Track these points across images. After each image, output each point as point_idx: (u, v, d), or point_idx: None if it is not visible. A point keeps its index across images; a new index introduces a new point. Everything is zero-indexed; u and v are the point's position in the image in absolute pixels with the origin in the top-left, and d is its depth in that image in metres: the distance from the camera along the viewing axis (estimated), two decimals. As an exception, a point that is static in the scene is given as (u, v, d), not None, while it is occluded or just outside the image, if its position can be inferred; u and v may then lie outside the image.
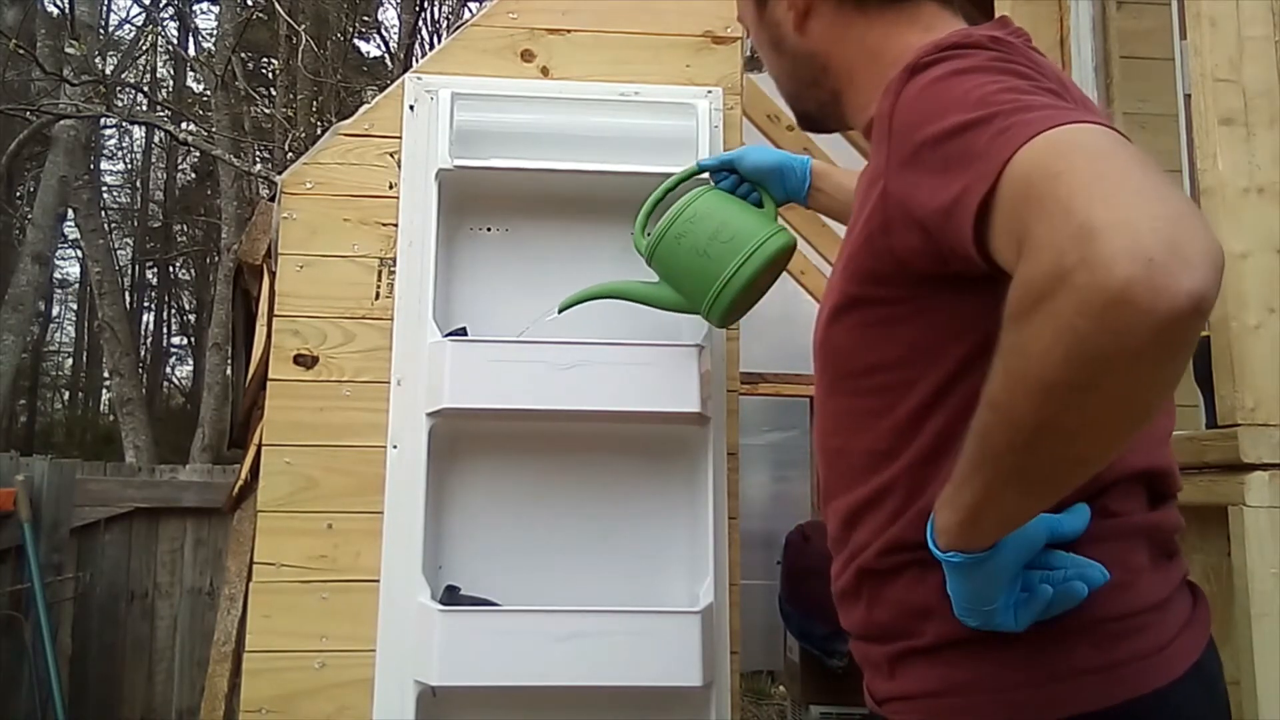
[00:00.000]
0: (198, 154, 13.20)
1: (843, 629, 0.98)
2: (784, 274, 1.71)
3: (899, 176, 0.80)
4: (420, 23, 11.12)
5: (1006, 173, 0.68)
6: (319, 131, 7.83)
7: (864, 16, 1.00)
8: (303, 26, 9.03)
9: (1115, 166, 0.64)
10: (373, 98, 2.27)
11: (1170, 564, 0.89)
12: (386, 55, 13.07)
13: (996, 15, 1.99)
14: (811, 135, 3.69)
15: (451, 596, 1.73)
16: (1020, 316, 0.65)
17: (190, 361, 18.05)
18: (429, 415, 1.77)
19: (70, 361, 18.57)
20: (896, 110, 0.82)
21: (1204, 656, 0.86)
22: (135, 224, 16.82)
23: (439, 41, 10.69)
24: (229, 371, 7.93)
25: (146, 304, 18.50)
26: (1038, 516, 0.78)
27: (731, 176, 1.60)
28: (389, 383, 1.81)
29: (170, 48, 13.70)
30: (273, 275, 1.87)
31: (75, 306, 18.33)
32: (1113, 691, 0.80)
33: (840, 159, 4.42)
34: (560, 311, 1.69)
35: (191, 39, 14.26)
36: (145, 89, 12.10)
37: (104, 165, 16.18)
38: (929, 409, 0.85)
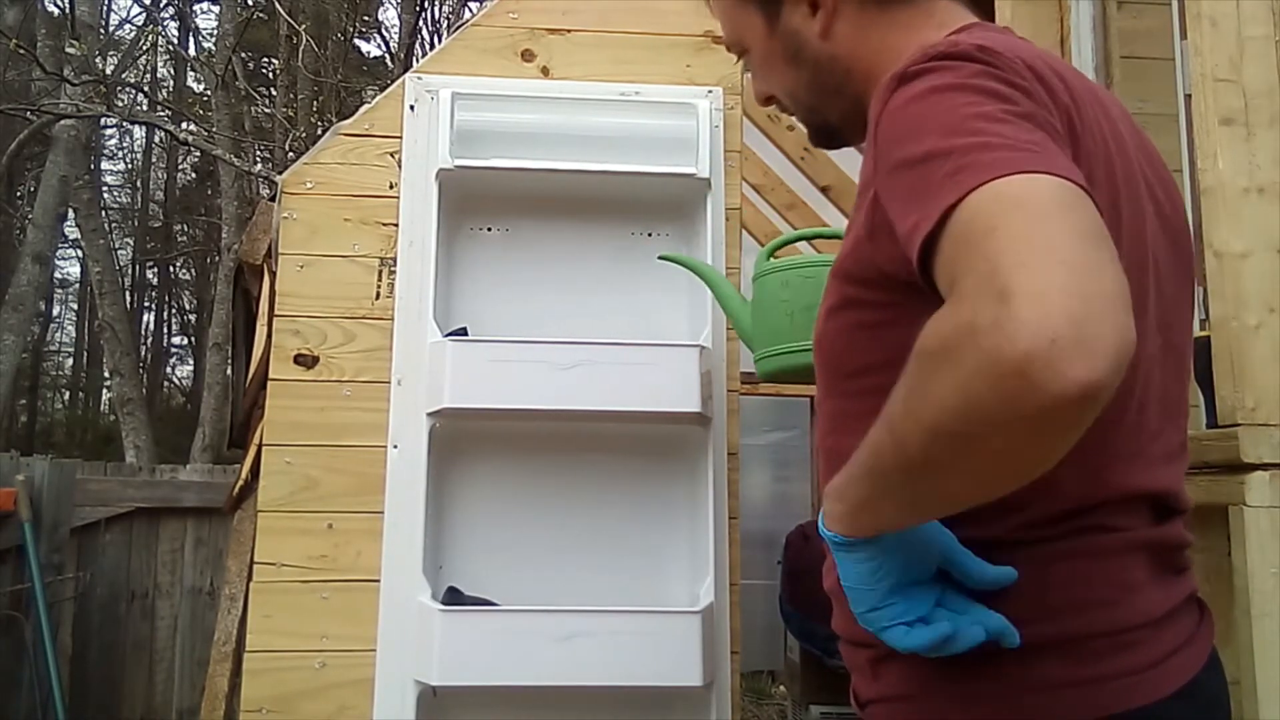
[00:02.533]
0: (198, 154, 13.21)
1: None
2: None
3: (883, 187, 0.80)
4: (420, 23, 11.12)
5: (952, 217, 0.68)
6: (319, 131, 7.83)
7: (885, 15, 0.99)
8: (303, 26, 9.03)
9: (1050, 232, 0.64)
10: (373, 98, 2.28)
11: (1176, 580, 0.88)
12: (387, 55, 13.07)
13: (997, 16, 1.98)
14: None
15: (453, 598, 1.73)
16: (928, 357, 0.67)
17: (190, 361, 18.06)
18: (429, 415, 1.77)
19: (70, 361, 18.57)
20: (882, 122, 0.81)
21: (1202, 674, 0.84)
22: (135, 224, 16.82)
23: (439, 41, 10.69)
24: (229, 371, 7.93)
25: (147, 304, 18.51)
26: (935, 530, 0.80)
27: None
28: (389, 383, 1.81)
29: (170, 48, 13.71)
30: (273, 275, 1.87)
31: (75, 306, 18.33)
32: (1092, 705, 0.79)
33: (844, 162, 4.42)
34: (661, 258, 1.77)
35: (192, 39, 14.27)
36: (145, 89, 12.11)
37: (104, 165, 16.19)
38: None
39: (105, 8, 12.43)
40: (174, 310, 18.83)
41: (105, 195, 15.22)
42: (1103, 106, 0.89)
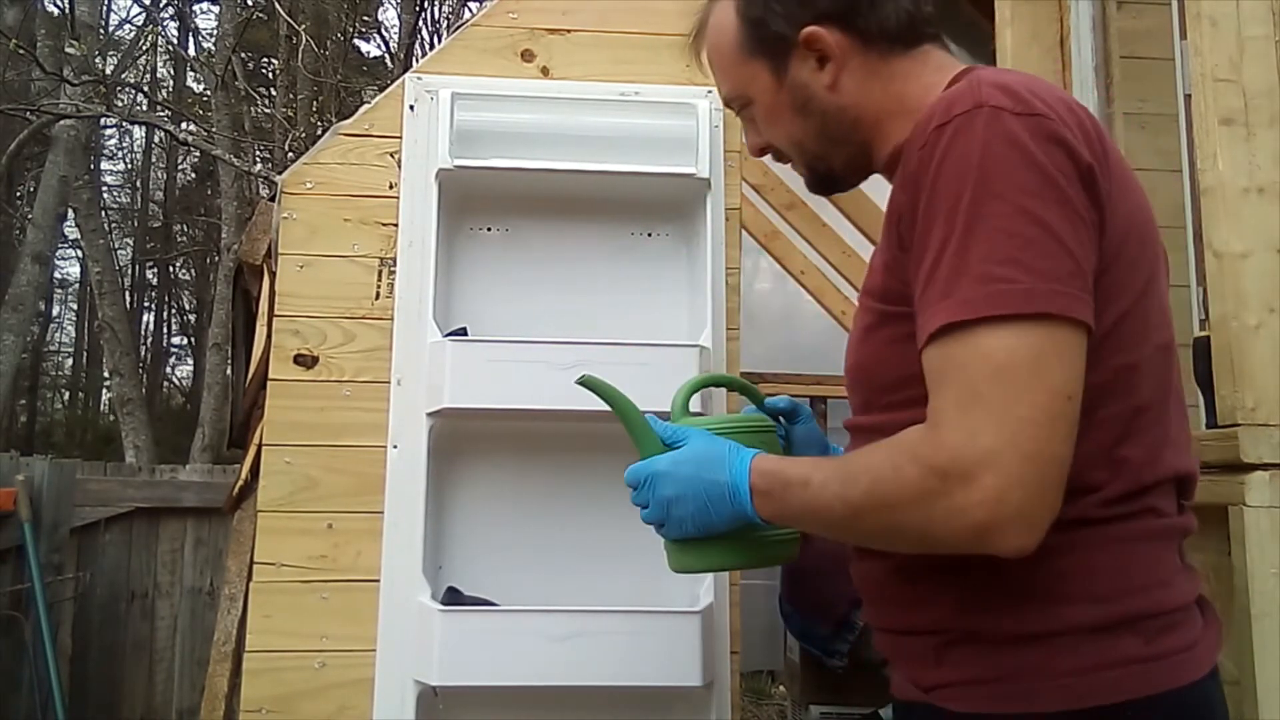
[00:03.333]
0: (198, 154, 13.21)
1: (848, 624, 1.04)
2: (784, 274, 1.71)
3: (923, 224, 0.89)
4: (420, 23, 11.12)
5: (965, 335, 0.84)
6: (319, 131, 7.83)
7: (888, 66, 1.06)
8: (303, 26, 9.03)
9: (1025, 414, 0.81)
10: (373, 98, 2.27)
11: (1191, 572, 0.97)
12: (386, 55, 13.08)
13: (997, 16, 2.01)
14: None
15: (453, 599, 1.73)
16: (904, 485, 0.85)
17: (190, 361, 18.06)
18: (429, 415, 1.77)
19: (70, 361, 18.57)
20: (944, 161, 0.89)
21: (1218, 663, 0.94)
22: (135, 224, 16.82)
23: (439, 41, 10.69)
24: (229, 371, 7.93)
25: (147, 304, 18.51)
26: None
27: (793, 427, 1.30)
28: (389, 383, 1.81)
29: (170, 48, 13.71)
30: (273, 275, 1.87)
31: (75, 306, 18.33)
32: (1156, 680, 0.88)
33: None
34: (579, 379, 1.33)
35: (191, 39, 14.27)
36: (145, 89, 12.11)
37: (104, 165, 16.19)
38: None
39: (105, 8, 12.43)
40: (174, 310, 18.83)
41: (105, 195, 15.22)
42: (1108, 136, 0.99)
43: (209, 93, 10.93)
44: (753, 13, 1.08)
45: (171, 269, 17.79)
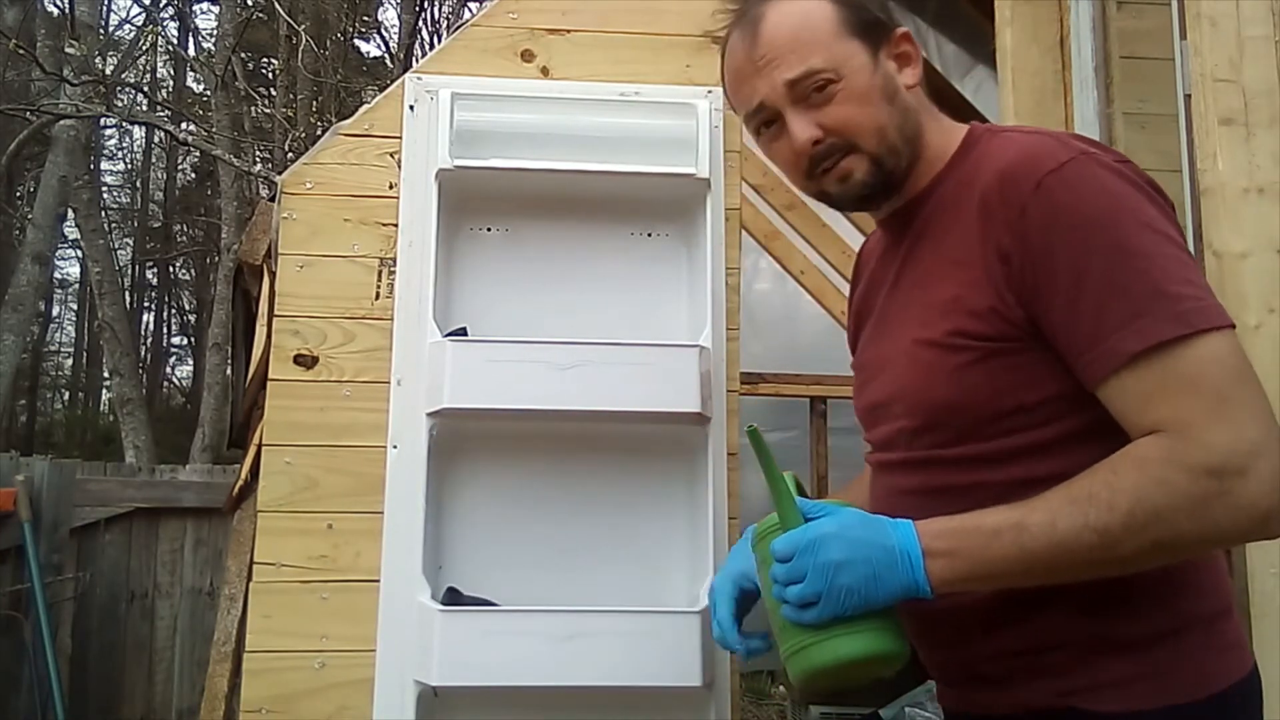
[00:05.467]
0: (198, 154, 13.21)
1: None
2: (784, 274, 1.71)
3: (1065, 261, 0.94)
4: (420, 23, 11.13)
5: (1174, 352, 0.90)
6: (319, 131, 7.83)
7: (922, 100, 1.14)
8: (303, 26, 9.03)
9: (1259, 406, 0.90)
10: (373, 98, 2.27)
11: None
12: (386, 55, 13.07)
13: (997, 16, 2.03)
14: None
15: (453, 599, 1.73)
16: (1174, 495, 0.88)
17: (190, 361, 18.06)
18: (429, 415, 1.77)
19: (70, 361, 18.57)
20: (1073, 206, 0.95)
21: None
22: (135, 224, 16.82)
23: (439, 41, 10.70)
24: (229, 371, 7.93)
25: (146, 304, 18.51)
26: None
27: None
28: (389, 383, 1.81)
29: (170, 48, 13.70)
30: (273, 275, 1.87)
31: (75, 306, 18.33)
32: (1237, 665, 0.99)
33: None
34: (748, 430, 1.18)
35: (191, 39, 14.27)
36: (145, 89, 12.10)
37: (104, 165, 16.18)
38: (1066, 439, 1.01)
39: (105, 8, 12.43)
40: (174, 310, 18.84)
41: (105, 195, 15.21)
42: None
43: (209, 93, 10.94)
44: None
45: (171, 269, 17.79)
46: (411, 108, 1.89)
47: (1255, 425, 0.88)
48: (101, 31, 11.51)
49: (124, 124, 12.81)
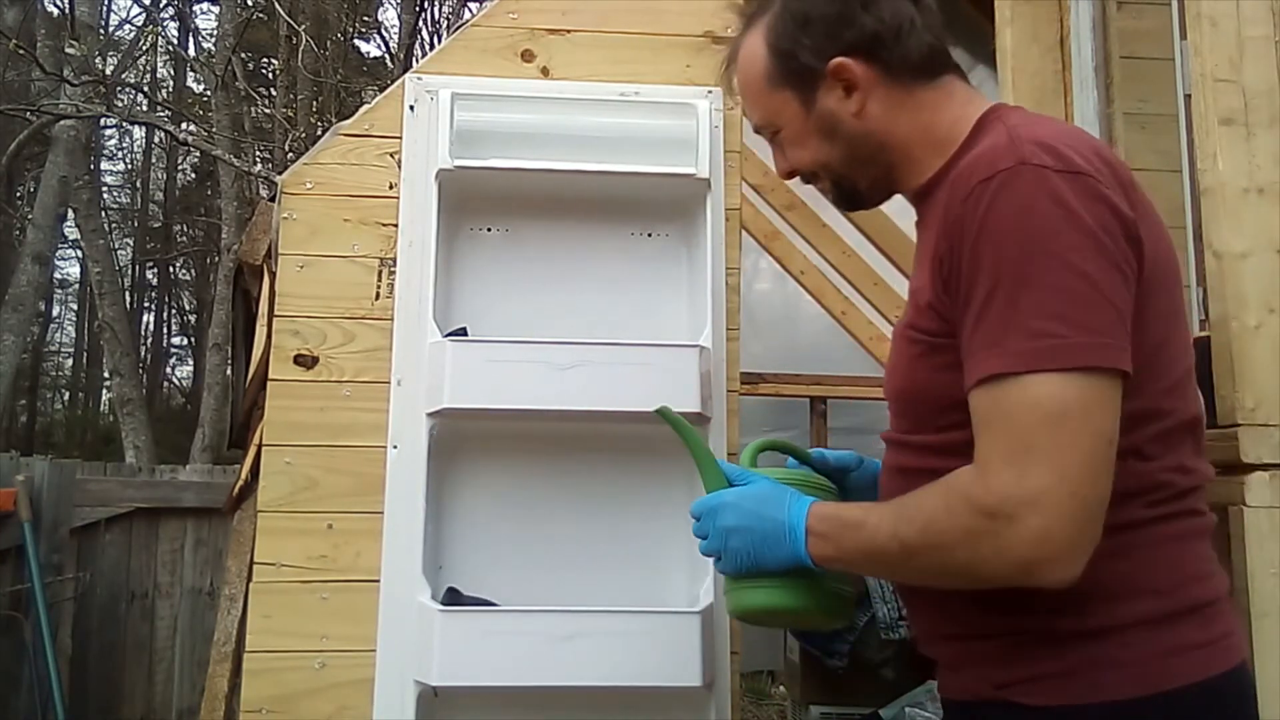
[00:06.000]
0: (198, 154, 13.21)
1: (843, 631, 1.11)
2: (784, 274, 1.71)
3: (969, 272, 0.96)
4: (420, 23, 11.13)
5: (1012, 384, 0.91)
6: (319, 132, 7.83)
7: (913, 97, 1.14)
8: (303, 27, 9.03)
9: (1071, 459, 0.89)
10: (373, 98, 2.28)
11: (1219, 563, 1.06)
12: (386, 55, 13.07)
13: (997, 16, 2.02)
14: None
15: (453, 599, 1.73)
16: (954, 528, 0.93)
17: (190, 361, 18.06)
18: (429, 415, 1.77)
19: (70, 361, 18.56)
20: (987, 219, 0.95)
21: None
22: (135, 224, 16.82)
23: (439, 42, 10.69)
24: (229, 372, 7.92)
25: (147, 304, 18.51)
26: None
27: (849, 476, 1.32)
28: (389, 383, 1.81)
29: (170, 48, 13.70)
30: (273, 275, 1.87)
31: (75, 306, 18.33)
32: (1211, 663, 0.97)
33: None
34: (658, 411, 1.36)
35: (191, 39, 14.26)
36: (145, 89, 12.10)
37: (104, 165, 16.18)
38: None
39: (105, 8, 12.44)
40: (174, 310, 18.84)
41: (105, 195, 15.21)
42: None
43: (209, 93, 10.95)
44: (782, 45, 1.16)
45: (171, 269, 17.79)
46: (411, 108, 1.89)
47: (1041, 476, 0.88)
48: (101, 31, 11.51)
49: (124, 124, 12.81)
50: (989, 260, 0.94)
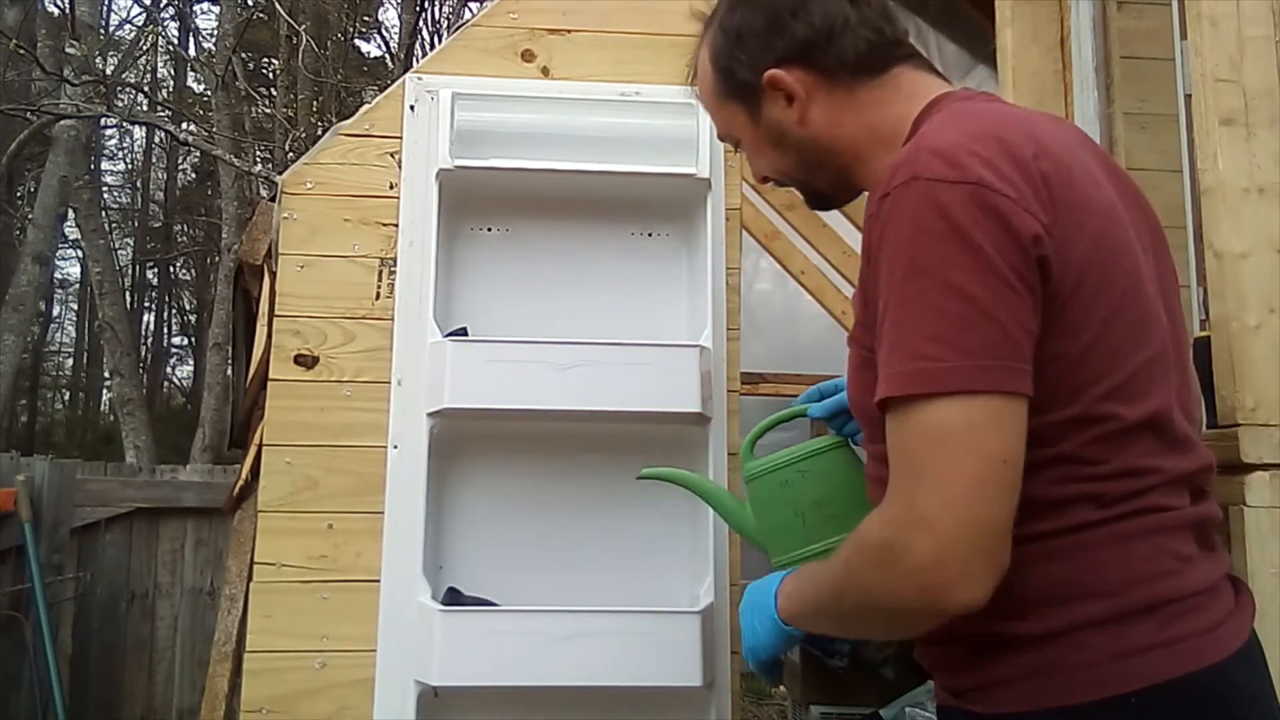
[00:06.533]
0: (198, 154, 13.21)
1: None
2: (784, 274, 1.72)
3: (873, 293, 0.95)
4: (421, 23, 11.12)
5: (905, 412, 0.89)
6: (319, 132, 7.82)
7: (855, 96, 1.11)
8: (303, 27, 9.03)
9: (963, 481, 0.86)
10: (373, 98, 2.28)
11: (1214, 555, 1.00)
12: (387, 55, 13.06)
13: (998, 16, 2.01)
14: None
15: (453, 599, 1.73)
16: (860, 550, 0.94)
17: (191, 361, 18.06)
18: (429, 415, 1.77)
19: (71, 361, 18.56)
20: (884, 236, 0.93)
21: (1250, 639, 0.97)
22: (136, 224, 16.81)
23: (439, 42, 10.69)
24: (229, 372, 7.93)
25: (147, 304, 18.50)
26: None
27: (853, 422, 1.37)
28: (389, 383, 1.81)
29: (170, 48, 13.70)
30: (273, 275, 1.87)
31: (76, 306, 18.32)
32: (1174, 664, 0.91)
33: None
34: (640, 478, 1.56)
35: (192, 39, 14.26)
36: (145, 89, 12.10)
37: (104, 165, 16.18)
38: None
39: (105, 8, 12.43)
40: (174, 310, 18.83)
41: (105, 195, 15.20)
42: (1068, 146, 1.01)
43: (209, 93, 10.95)
44: (721, 62, 1.16)
45: (172, 269, 17.78)
46: (412, 108, 1.89)
47: (928, 501, 0.86)
48: (102, 31, 11.51)
49: (124, 124, 12.81)
50: (884, 280, 0.93)
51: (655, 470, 1.54)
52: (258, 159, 10.07)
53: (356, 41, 13.29)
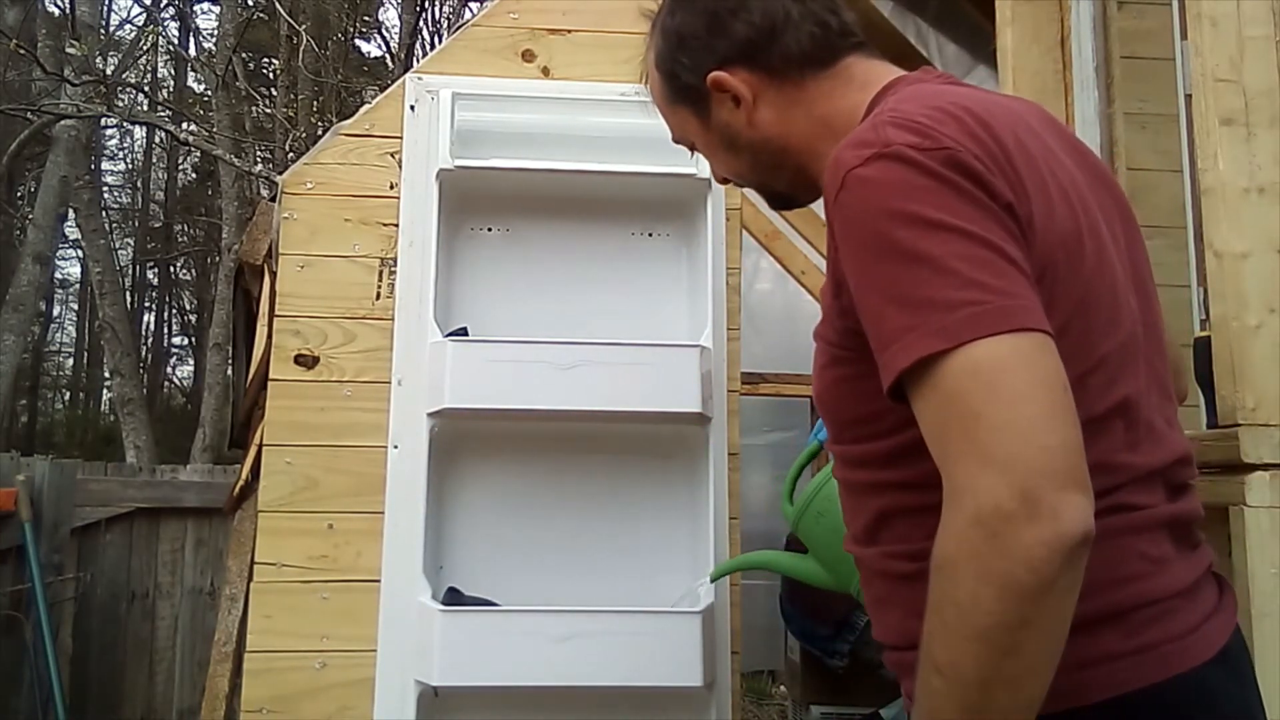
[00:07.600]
0: (198, 154, 13.22)
1: (848, 625, 1.04)
2: (785, 274, 1.73)
3: (858, 267, 0.87)
4: (421, 23, 11.12)
5: (937, 369, 0.79)
6: (320, 132, 7.83)
7: (805, 92, 1.07)
8: (303, 26, 9.03)
9: (1024, 415, 0.76)
10: (373, 98, 2.28)
11: (1194, 554, 0.94)
12: (387, 55, 13.06)
13: (998, 16, 2.00)
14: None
15: (453, 599, 1.73)
16: (947, 566, 0.77)
17: (191, 361, 18.06)
18: (430, 415, 1.77)
19: (71, 361, 18.56)
20: (841, 214, 0.87)
21: (1231, 641, 0.91)
22: (136, 224, 16.81)
23: (440, 42, 10.68)
24: (230, 372, 7.93)
25: (147, 304, 18.50)
26: None
27: None
28: (390, 383, 1.81)
29: (171, 48, 13.70)
30: (273, 275, 1.87)
31: (76, 306, 18.32)
32: (1142, 673, 0.85)
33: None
34: (713, 580, 1.71)
35: (192, 39, 14.26)
36: (146, 89, 12.11)
37: (105, 165, 16.18)
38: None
39: (105, 8, 12.44)
40: (174, 310, 18.83)
41: (105, 195, 15.21)
42: (1027, 125, 0.96)
43: (209, 93, 10.95)
44: (664, 66, 1.15)
45: (172, 269, 17.78)
46: (412, 108, 1.89)
47: (1002, 441, 0.75)
48: (102, 31, 11.51)
49: (125, 124, 12.81)
50: (875, 248, 0.85)
51: (722, 566, 1.69)
52: (258, 159, 10.07)
53: (357, 41, 13.30)
